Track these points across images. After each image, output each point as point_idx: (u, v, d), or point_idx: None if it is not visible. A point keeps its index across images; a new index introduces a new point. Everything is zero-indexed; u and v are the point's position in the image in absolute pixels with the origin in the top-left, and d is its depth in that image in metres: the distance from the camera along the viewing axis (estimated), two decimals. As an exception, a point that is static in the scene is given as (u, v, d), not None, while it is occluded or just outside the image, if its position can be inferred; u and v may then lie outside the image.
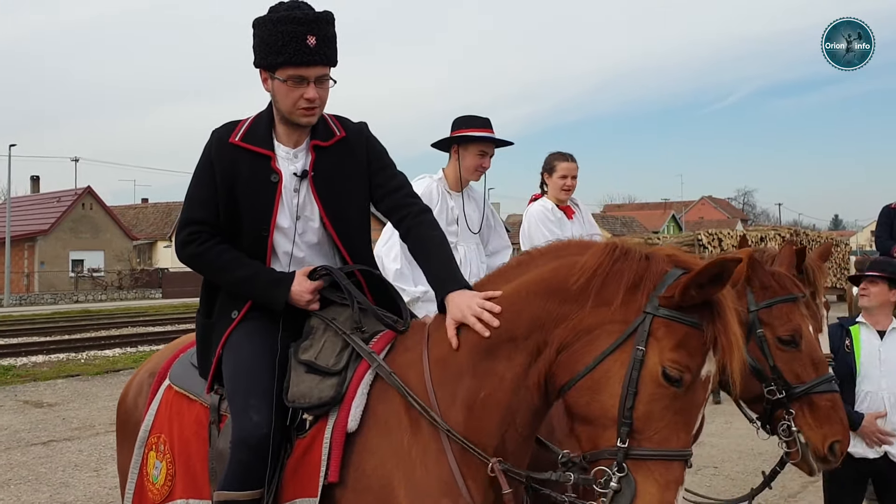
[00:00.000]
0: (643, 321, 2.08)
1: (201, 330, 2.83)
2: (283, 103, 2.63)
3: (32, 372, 13.87)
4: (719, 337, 2.06)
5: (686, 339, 2.06)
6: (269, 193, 2.66)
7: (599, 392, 2.09)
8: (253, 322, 2.69)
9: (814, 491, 6.56)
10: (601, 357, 2.11)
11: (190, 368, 2.92)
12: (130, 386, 3.28)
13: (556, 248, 2.39)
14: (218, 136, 2.72)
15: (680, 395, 2.05)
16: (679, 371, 2.04)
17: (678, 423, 2.06)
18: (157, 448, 2.87)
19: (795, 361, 3.11)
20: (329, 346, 2.55)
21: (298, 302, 2.64)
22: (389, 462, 2.32)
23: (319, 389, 2.45)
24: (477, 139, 4.29)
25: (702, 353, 2.07)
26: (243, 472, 2.43)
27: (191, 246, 2.70)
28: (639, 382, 2.05)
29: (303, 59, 2.53)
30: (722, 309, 2.07)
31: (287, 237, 2.72)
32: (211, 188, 2.68)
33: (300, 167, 2.70)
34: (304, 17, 2.54)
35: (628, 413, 2.04)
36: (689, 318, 2.06)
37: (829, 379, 3.13)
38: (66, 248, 47.55)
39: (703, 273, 2.01)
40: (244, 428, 2.45)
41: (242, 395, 2.52)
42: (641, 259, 2.17)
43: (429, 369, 2.37)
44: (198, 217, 2.70)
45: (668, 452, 2.03)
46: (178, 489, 2.75)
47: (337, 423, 2.39)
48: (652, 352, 2.06)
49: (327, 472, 2.34)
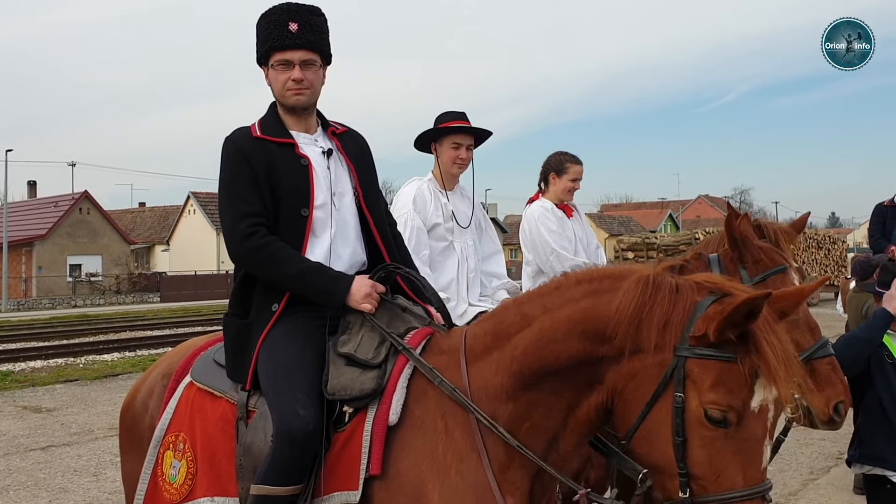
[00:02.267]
0: (677, 364, 2.00)
1: (235, 331, 2.80)
2: (275, 87, 2.84)
3: (31, 377, 13.83)
4: (760, 367, 1.95)
5: (723, 376, 1.96)
6: (303, 176, 2.78)
7: (654, 442, 2.05)
8: (292, 318, 2.70)
9: (814, 489, 6.57)
10: (647, 408, 2.06)
11: (213, 366, 2.91)
12: (138, 391, 3.24)
13: (589, 276, 2.31)
14: (239, 136, 2.82)
15: (732, 434, 1.97)
16: (721, 411, 1.96)
17: (740, 462, 1.97)
18: (175, 447, 2.84)
19: (795, 330, 3.18)
20: (367, 339, 2.58)
21: (355, 297, 2.65)
22: (423, 463, 2.31)
23: (360, 381, 2.46)
24: (447, 131, 4.23)
25: (744, 387, 1.96)
26: (285, 466, 2.43)
27: (254, 237, 2.68)
28: (685, 429, 1.98)
29: (285, 43, 2.77)
30: (755, 337, 1.95)
31: (325, 213, 2.81)
32: (253, 182, 2.73)
33: (326, 146, 2.89)
34: (287, 8, 2.80)
35: (682, 464, 1.98)
36: (724, 353, 1.97)
37: (825, 343, 3.25)
38: (64, 253, 47.45)
39: (735, 313, 1.92)
40: (289, 422, 2.43)
41: (287, 390, 2.51)
42: (672, 293, 2.08)
43: (467, 377, 2.37)
44: (252, 210, 2.71)
45: (735, 495, 1.96)
46: (201, 487, 2.72)
47: (378, 415, 2.40)
48: (691, 395, 1.99)
49: (369, 464, 2.33)
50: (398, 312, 2.70)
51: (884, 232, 7.80)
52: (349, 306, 2.66)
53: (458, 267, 4.30)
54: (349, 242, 2.88)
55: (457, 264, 4.29)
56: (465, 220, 4.38)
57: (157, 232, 59.73)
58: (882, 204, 7.96)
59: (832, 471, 7.09)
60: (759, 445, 2.00)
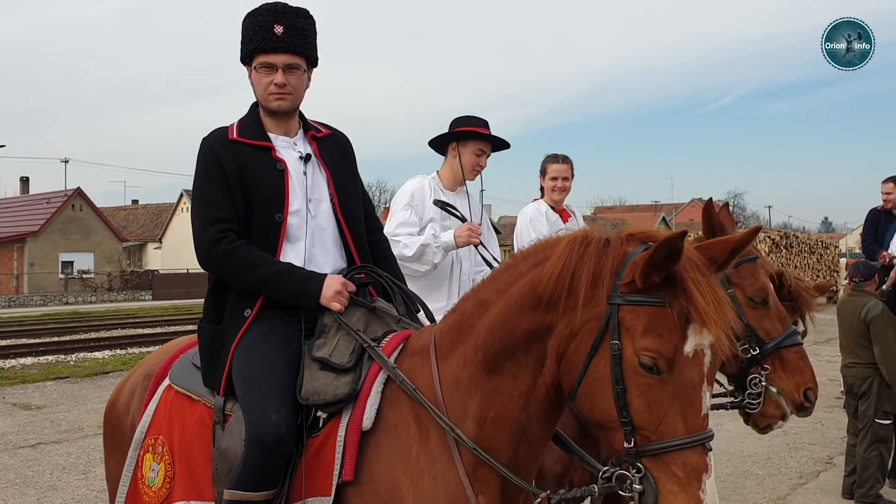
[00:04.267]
0: (611, 313, 2.01)
1: (208, 337, 2.77)
2: (257, 90, 2.79)
3: (21, 374, 13.77)
4: (689, 309, 1.94)
5: (654, 321, 1.96)
6: (279, 180, 2.73)
7: (596, 396, 2.04)
8: (266, 322, 2.68)
9: (803, 493, 6.59)
10: (588, 360, 2.05)
11: (192, 369, 2.88)
12: (121, 391, 3.23)
13: (534, 250, 2.33)
14: (215, 138, 2.77)
15: (668, 380, 1.96)
16: (652, 358, 1.95)
17: (679, 410, 1.96)
18: (155, 450, 2.83)
19: (765, 319, 3.30)
20: (343, 343, 2.55)
21: (326, 295, 2.63)
22: (397, 468, 2.30)
23: (334, 386, 2.44)
24: (476, 136, 4.31)
25: (675, 331, 1.95)
26: (257, 471, 2.40)
27: (222, 243, 2.65)
28: (624, 378, 1.98)
29: (269, 46, 2.72)
30: (683, 280, 1.95)
31: (301, 219, 2.76)
32: (224, 185, 2.69)
33: (304, 151, 2.83)
34: (274, 9, 2.75)
35: (625, 412, 1.98)
36: (654, 298, 1.97)
37: (793, 332, 3.35)
38: (56, 250, 47.28)
39: (657, 255, 1.93)
40: (261, 426, 2.41)
41: (259, 394, 2.49)
42: (601, 247, 2.09)
43: (438, 375, 2.37)
44: (221, 215, 2.68)
45: (675, 443, 1.94)
46: (178, 491, 2.71)
47: (351, 421, 2.38)
48: (626, 343, 1.98)
49: (341, 470, 2.32)
50: (377, 315, 2.68)
51: (876, 237, 7.84)
52: (324, 312, 2.65)
53: (450, 267, 4.30)
54: (328, 251, 2.83)
55: (450, 265, 4.29)
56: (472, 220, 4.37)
57: (149, 229, 59.59)
58: (875, 209, 8.00)
59: (821, 475, 7.11)
60: (695, 391, 1.98)
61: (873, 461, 6.06)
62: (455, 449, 2.27)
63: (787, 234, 28.28)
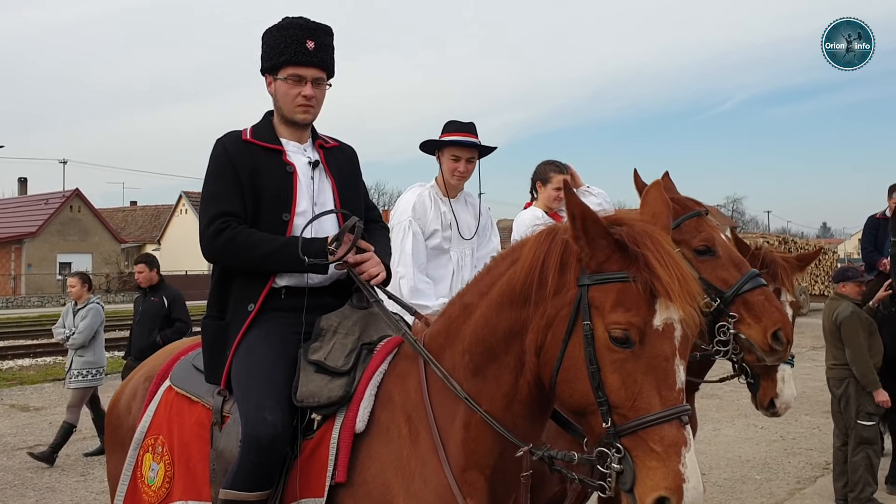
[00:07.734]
0: (581, 295, 2.05)
1: (212, 333, 2.82)
2: (283, 101, 2.88)
3: (19, 375, 13.79)
4: (653, 283, 1.97)
5: (621, 297, 1.99)
6: (287, 181, 2.83)
7: (574, 381, 2.06)
8: (269, 323, 2.73)
9: (800, 498, 6.61)
10: (563, 346, 2.07)
11: (192, 371, 2.93)
12: (123, 391, 3.28)
13: (511, 250, 2.40)
14: (228, 138, 2.87)
15: (640, 354, 1.97)
16: (622, 330, 1.97)
17: (653, 384, 1.97)
18: (154, 450, 2.87)
19: (719, 268, 3.27)
20: (339, 346, 2.60)
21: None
22: (389, 470, 2.34)
23: (329, 389, 2.49)
24: (447, 143, 4.22)
25: (643, 304, 1.98)
26: (252, 472, 2.45)
27: (225, 232, 2.71)
28: (597, 357, 2.00)
29: (301, 60, 2.82)
30: (645, 257, 1.99)
31: (306, 220, 2.80)
32: (234, 183, 2.77)
33: (312, 157, 2.93)
34: (306, 24, 2.87)
35: (600, 392, 1.99)
36: (620, 274, 2.02)
37: (754, 275, 3.27)
38: (54, 251, 47.25)
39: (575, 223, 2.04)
40: (256, 427, 2.45)
41: (256, 395, 2.53)
42: (566, 233, 2.14)
43: (426, 381, 2.42)
44: (228, 209, 2.75)
45: (652, 417, 1.94)
46: (177, 491, 2.75)
47: (345, 423, 2.43)
48: (597, 322, 2.01)
49: (334, 472, 2.37)
50: (374, 318, 2.72)
51: (876, 244, 7.82)
52: (321, 316, 2.69)
53: (452, 276, 4.29)
54: None
55: (451, 274, 4.28)
56: (468, 230, 4.36)
57: (148, 231, 59.57)
58: (874, 216, 7.97)
59: (818, 481, 7.13)
60: (668, 364, 1.98)
61: (860, 464, 6.09)
62: (443, 451, 2.31)
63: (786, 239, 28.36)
